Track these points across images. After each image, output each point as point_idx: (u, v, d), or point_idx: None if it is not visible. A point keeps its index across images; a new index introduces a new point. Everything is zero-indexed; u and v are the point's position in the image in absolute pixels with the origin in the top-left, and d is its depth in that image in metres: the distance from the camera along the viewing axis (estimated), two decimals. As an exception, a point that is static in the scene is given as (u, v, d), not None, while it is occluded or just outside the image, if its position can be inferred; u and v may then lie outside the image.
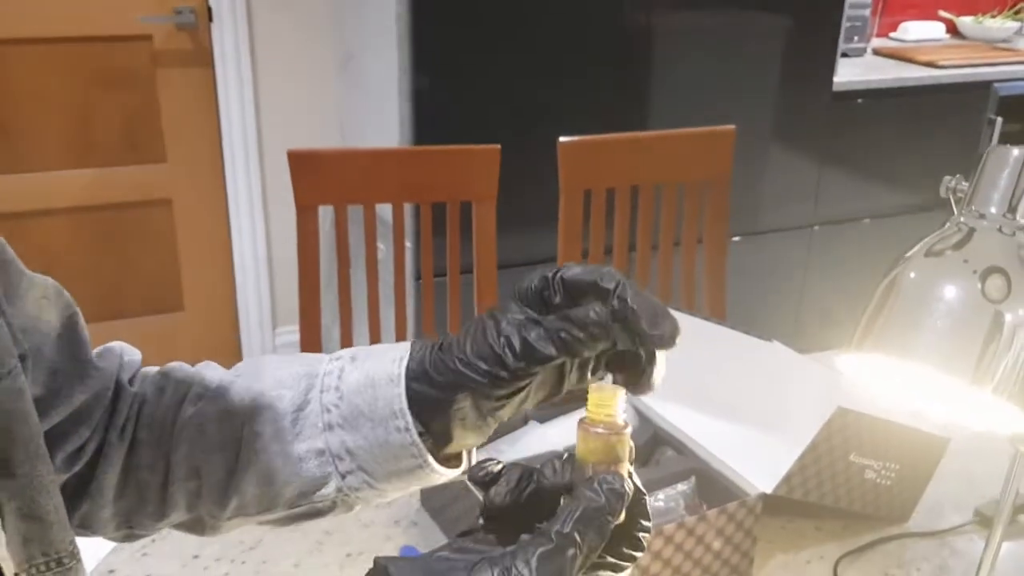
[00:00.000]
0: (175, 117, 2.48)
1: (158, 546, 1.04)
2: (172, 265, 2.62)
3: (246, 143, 2.51)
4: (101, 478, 0.62)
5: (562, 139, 1.60)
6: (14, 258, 0.57)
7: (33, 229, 2.38)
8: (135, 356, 0.66)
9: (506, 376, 0.50)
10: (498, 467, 0.48)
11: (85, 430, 0.61)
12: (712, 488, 1.05)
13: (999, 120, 2.70)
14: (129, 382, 0.65)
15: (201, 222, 2.59)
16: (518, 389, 0.52)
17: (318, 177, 1.47)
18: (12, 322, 0.53)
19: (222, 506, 0.63)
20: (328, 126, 2.55)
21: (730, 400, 1.15)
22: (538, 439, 1.12)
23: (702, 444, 1.10)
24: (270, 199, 2.58)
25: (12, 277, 0.56)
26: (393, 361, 0.55)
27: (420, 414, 0.55)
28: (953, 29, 3.26)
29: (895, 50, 2.98)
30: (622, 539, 0.45)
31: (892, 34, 3.19)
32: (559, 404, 1.17)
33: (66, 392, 0.60)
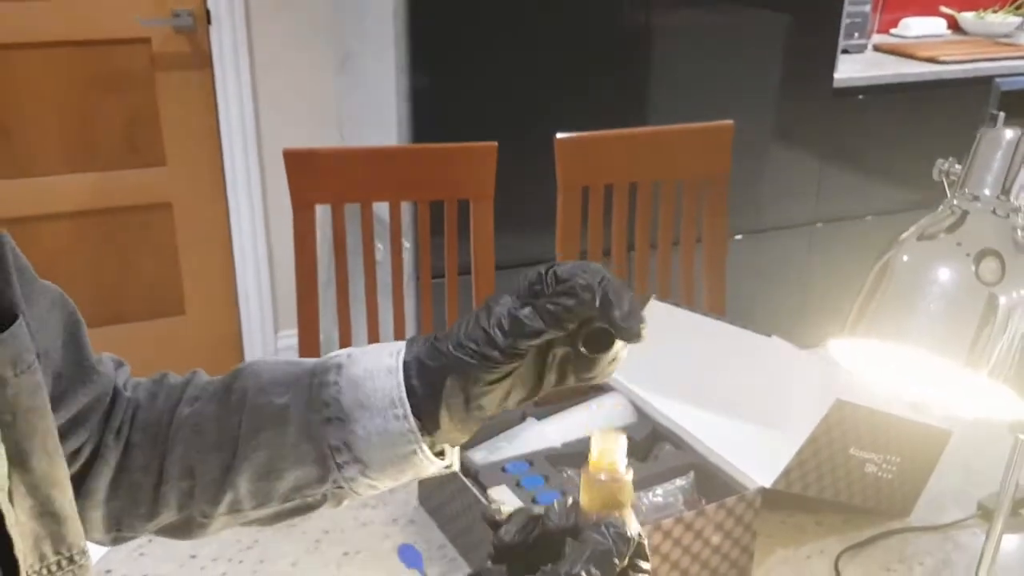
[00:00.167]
0: (174, 120, 2.48)
1: (155, 546, 1.03)
2: (173, 269, 2.62)
3: (246, 145, 2.51)
4: (95, 480, 0.64)
5: (559, 135, 1.60)
6: (27, 264, 0.59)
7: (33, 234, 2.39)
8: (127, 365, 0.69)
9: (496, 355, 0.52)
10: (507, 510, 0.52)
11: (83, 432, 0.63)
12: (711, 483, 1.04)
13: (1001, 115, 2.68)
14: (123, 387, 0.67)
15: (201, 225, 2.59)
16: (504, 375, 0.54)
17: (314, 176, 1.46)
18: (29, 323, 0.55)
19: (215, 503, 0.64)
20: (328, 127, 2.55)
21: (729, 395, 1.14)
22: (536, 436, 1.11)
23: (701, 439, 1.09)
24: (270, 201, 2.58)
25: (26, 281, 0.58)
26: (390, 355, 0.58)
27: (413, 405, 0.57)
28: (954, 25, 3.25)
29: (896, 46, 2.97)
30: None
31: (893, 30, 3.18)
32: (556, 402, 1.17)
33: (70, 395, 0.62)
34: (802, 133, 2.58)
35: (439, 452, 0.60)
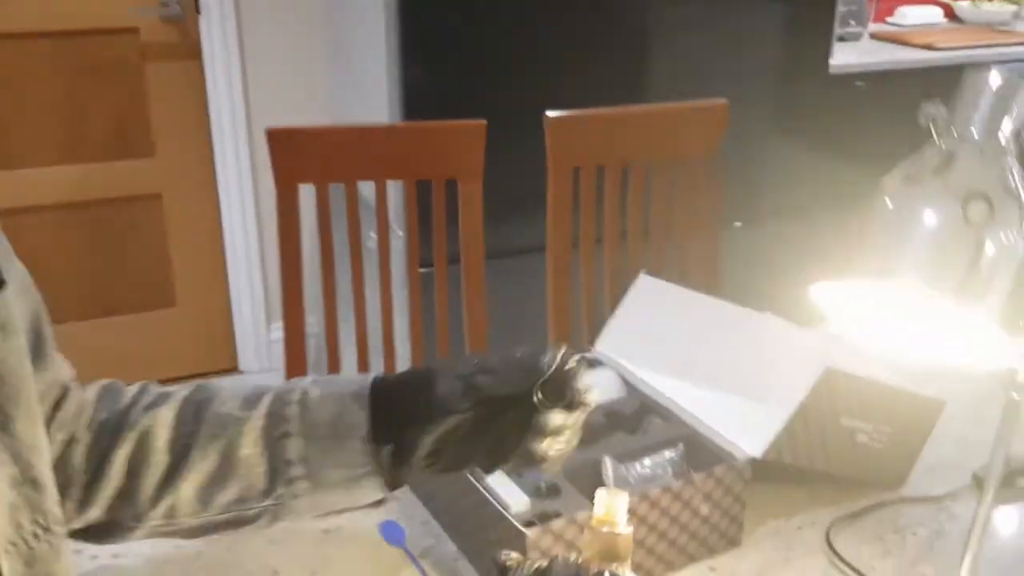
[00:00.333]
0: (163, 111, 2.46)
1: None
2: (163, 261, 2.59)
3: (236, 136, 2.49)
4: None
5: (549, 113, 1.58)
6: (7, 242, 0.62)
7: (21, 226, 2.36)
8: (74, 370, 0.71)
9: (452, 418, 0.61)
10: (517, 557, 0.57)
11: None
12: (700, 455, 1.02)
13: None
14: (72, 385, 0.68)
15: (192, 217, 2.57)
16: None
17: (298, 155, 1.44)
18: (8, 298, 0.57)
19: (152, 505, 0.65)
20: (319, 116, 2.53)
21: (719, 369, 1.12)
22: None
23: (690, 412, 1.07)
24: (261, 192, 2.55)
25: (4, 257, 0.60)
26: (359, 384, 0.62)
27: (373, 432, 0.62)
28: (950, 13, 3.23)
29: (892, 34, 2.95)
30: None
31: (889, 19, 3.16)
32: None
33: None
34: (799, 120, 2.56)
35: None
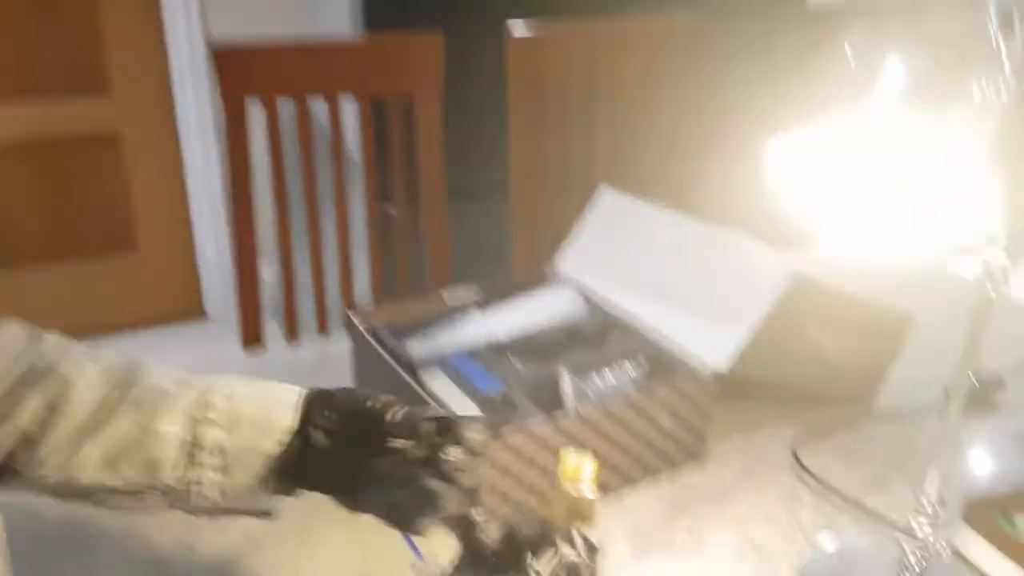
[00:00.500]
0: (119, 46, 2.36)
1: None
2: (123, 204, 2.51)
3: (195, 72, 2.40)
4: None
5: (512, 35, 1.51)
6: None
7: (-27, 167, 2.28)
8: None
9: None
10: (484, 518, 0.55)
11: None
12: (664, 368, 0.98)
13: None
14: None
15: (152, 157, 2.49)
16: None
17: (246, 73, 1.38)
18: None
19: (63, 455, 0.61)
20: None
21: (684, 284, 1.08)
22: (479, 328, 1.04)
23: (654, 326, 1.02)
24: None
25: None
26: (294, 392, 0.62)
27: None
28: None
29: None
30: None
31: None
32: (501, 296, 1.10)
33: None
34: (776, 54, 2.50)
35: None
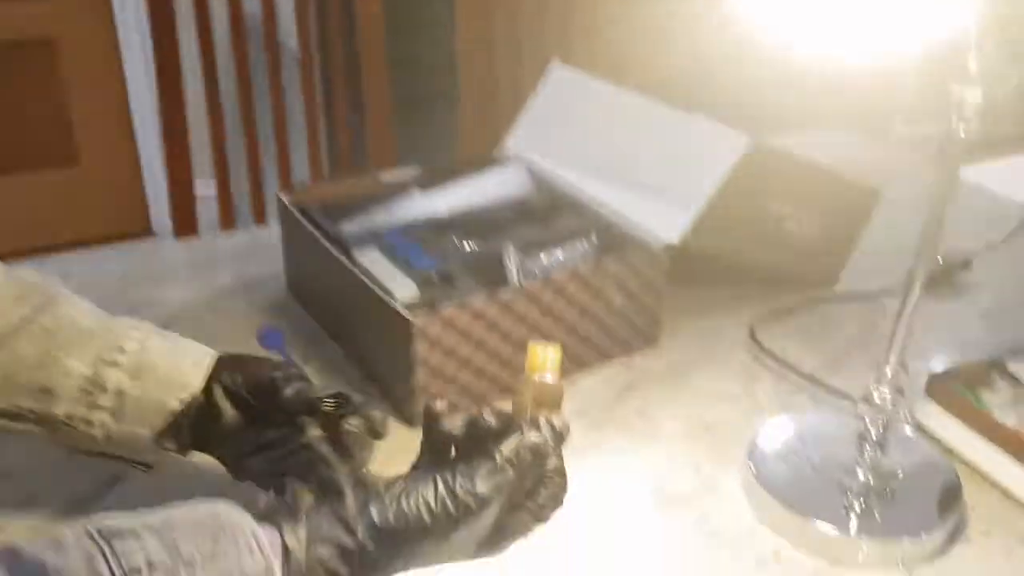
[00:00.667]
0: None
1: None
2: (62, 114, 2.39)
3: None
4: None
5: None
6: None
7: None
8: None
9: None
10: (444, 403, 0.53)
11: None
12: (615, 245, 0.92)
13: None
14: None
15: (90, 64, 2.36)
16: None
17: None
18: None
19: None
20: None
21: (637, 162, 1.01)
22: (419, 207, 0.97)
23: (606, 203, 0.96)
24: (165, 36, 2.34)
25: None
26: (207, 353, 0.63)
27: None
28: None
29: None
30: (540, 487, 0.49)
31: None
32: (444, 175, 1.03)
33: None
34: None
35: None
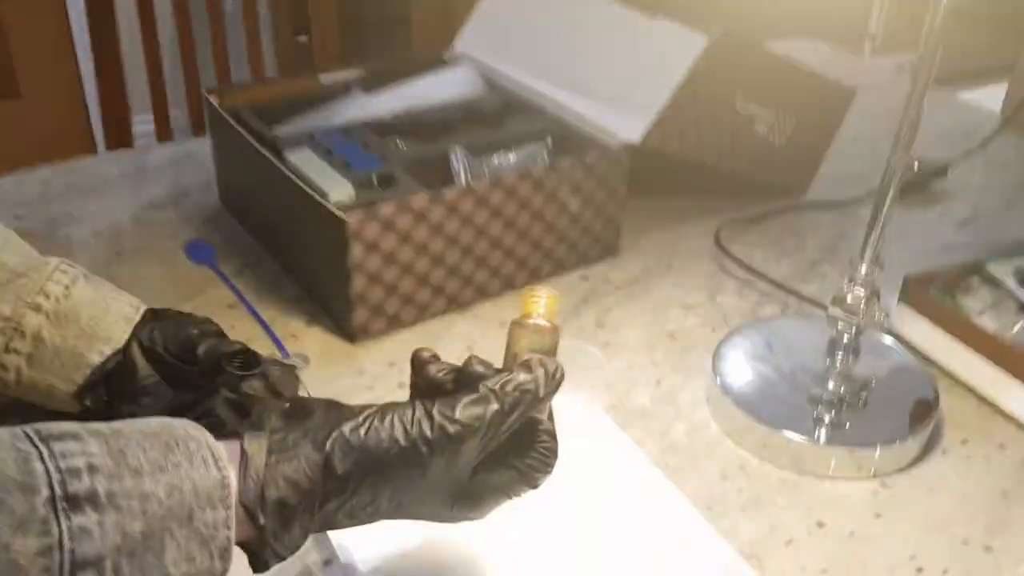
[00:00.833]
0: None
1: None
2: (3, 47, 2.27)
3: None
4: None
5: None
6: None
7: None
8: None
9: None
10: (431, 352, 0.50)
11: None
12: (572, 148, 0.85)
13: None
14: None
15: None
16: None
17: None
18: None
19: None
20: None
21: (595, 63, 0.93)
22: (360, 108, 0.90)
23: (561, 105, 0.89)
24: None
25: None
26: (133, 306, 0.57)
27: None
28: None
29: None
30: (530, 449, 0.46)
31: None
32: (388, 75, 0.96)
33: None
34: None
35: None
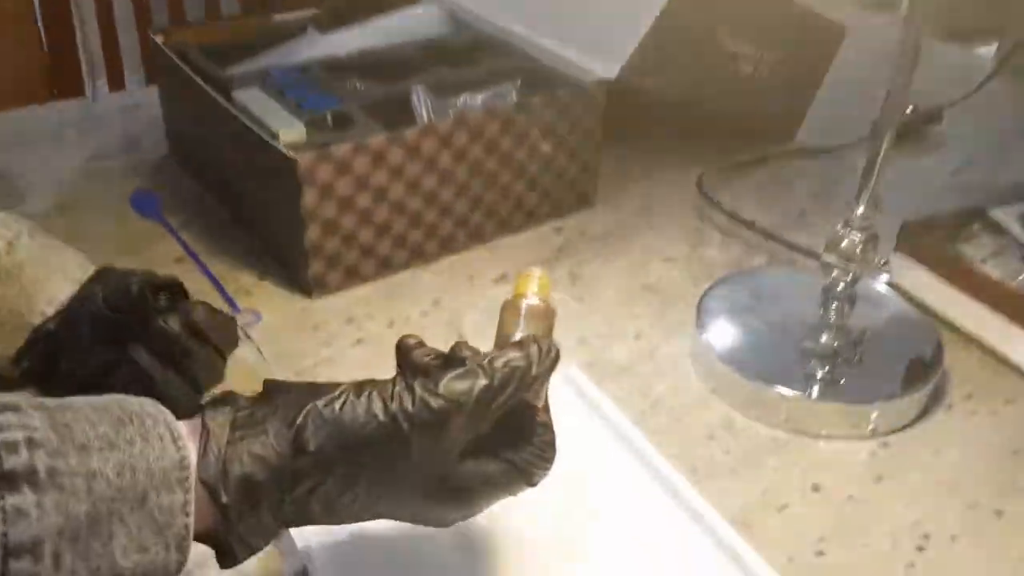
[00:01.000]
0: None
1: None
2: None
3: None
4: None
5: None
6: None
7: None
8: None
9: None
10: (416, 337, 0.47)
11: None
12: (545, 88, 0.79)
13: None
14: None
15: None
16: None
17: None
18: None
19: None
20: None
21: (570, 3, 0.88)
22: (317, 47, 0.84)
23: (533, 44, 0.83)
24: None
25: None
26: (80, 265, 0.53)
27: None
28: None
29: None
30: (526, 442, 0.43)
31: None
32: (348, 15, 0.90)
33: None
34: None
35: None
